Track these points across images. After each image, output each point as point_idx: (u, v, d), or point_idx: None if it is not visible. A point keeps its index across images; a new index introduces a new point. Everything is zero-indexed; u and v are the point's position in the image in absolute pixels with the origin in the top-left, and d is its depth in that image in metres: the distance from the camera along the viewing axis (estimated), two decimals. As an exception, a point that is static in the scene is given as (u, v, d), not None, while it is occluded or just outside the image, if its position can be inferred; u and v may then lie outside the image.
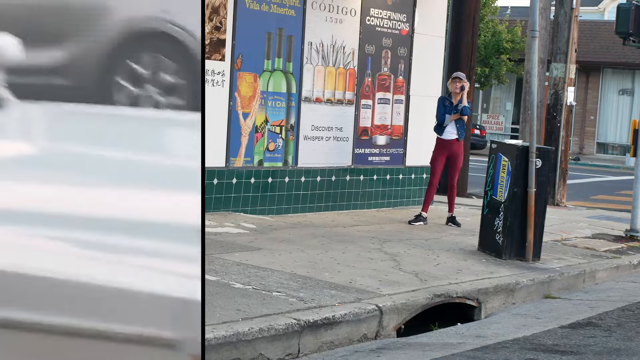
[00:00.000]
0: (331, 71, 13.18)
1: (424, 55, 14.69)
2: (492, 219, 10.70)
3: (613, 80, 42.00)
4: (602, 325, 8.08)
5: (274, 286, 7.74)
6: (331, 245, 10.34)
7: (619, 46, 33.29)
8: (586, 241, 12.79)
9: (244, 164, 12.08)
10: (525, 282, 9.37)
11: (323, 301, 7.36)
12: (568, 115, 17.91)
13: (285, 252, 9.52)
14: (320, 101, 13.07)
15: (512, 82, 42.29)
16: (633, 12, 13.80)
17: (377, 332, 7.40)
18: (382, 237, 11.30)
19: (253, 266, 8.54)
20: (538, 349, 7.03)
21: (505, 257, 10.46)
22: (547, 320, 8.27)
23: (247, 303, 6.98)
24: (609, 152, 42.03)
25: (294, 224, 11.79)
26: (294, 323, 6.59)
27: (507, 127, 43.42)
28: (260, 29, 12.13)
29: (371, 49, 13.78)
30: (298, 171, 12.84)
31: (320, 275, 8.45)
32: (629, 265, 11.51)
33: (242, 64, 11.92)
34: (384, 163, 14.22)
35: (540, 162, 10.57)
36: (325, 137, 13.18)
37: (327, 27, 13.06)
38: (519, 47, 37.56)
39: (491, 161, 10.89)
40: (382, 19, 13.92)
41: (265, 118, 12.30)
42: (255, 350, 6.25)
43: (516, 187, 10.49)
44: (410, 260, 9.74)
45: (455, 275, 9.18)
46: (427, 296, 8.08)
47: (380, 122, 14.09)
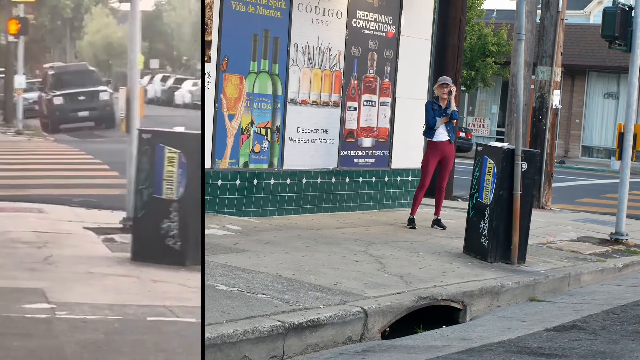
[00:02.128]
0: (317, 73, 13.16)
1: (410, 57, 14.68)
2: (478, 222, 10.70)
3: (598, 84, 42.11)
4: (587, 329, 8.08)
5: (259, 288, 7.72)
6: (316, 247, 10.32)
7: (605, 50, 33.44)
8: (571, 244, 12.80)
9: (229, 166, 12.05)
10: (510, 285, 9.37)
11: (308, 303, 7.34)
12: (554, 119, 17.94)
13: (271, 254, 9.49)
14: (306, 103, 13.06)
15: (497, 85, 42.32)
16: (619, 16, 13.84)
17: (362, 335, 7.38)
18: (368, 239, 11.28)
19: (238, 268, 8.52)
20: (523, 351, 7.03)
21: (490, 260, 10.46)
22: (532, 323, 8.27)
23: (232, 305, 6.95)
24: (595, 155, 42.12)
25: (280, 226, 11.76)
26: (278, 325, 6.57)
27: (492, 130, 43.48)
28: (246, 31, 12.11)
29: (357, 51, 13.77)
30: (284, 173, 12.81)
31: (305, 278, 8.43)
32: (614, 269, 11.53)
33: (228, 66, 11.89)
34: (370, 165, 14.21)
35: (525, 164, 10.58)
36: (311, 139, 13.16)
37: (313, 29, 13.04)
38: (505, 50, 37.60)
39: (477, 164, 10.89)
40: (368, 21, 13.91)
41: (250, 120, 12.27)
42: (240, 353, 6.23)
43: (502, 190, 10.50)
44: (395, 263, 9.73)
45: (441, 277, 9.17)
46: (412, 299, 8.07)
47: (366, 124, 14.08)
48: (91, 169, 18.22)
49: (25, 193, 12.84)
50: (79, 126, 28.27)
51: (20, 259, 8.16)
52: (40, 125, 29.33)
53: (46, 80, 29.75)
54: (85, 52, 50.83)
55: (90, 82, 29.20)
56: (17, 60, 29.36)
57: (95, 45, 50.28)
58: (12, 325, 6.06)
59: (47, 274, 7.71)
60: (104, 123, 28.38)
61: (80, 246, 9.17)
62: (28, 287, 7.09)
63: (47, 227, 9.96)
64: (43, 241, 9.02)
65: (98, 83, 29.53)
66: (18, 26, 27.96)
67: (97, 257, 8.57)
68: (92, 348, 5.82)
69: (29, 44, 30.76)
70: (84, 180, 15.79)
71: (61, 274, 7.73)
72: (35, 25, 30.21)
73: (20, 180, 14.86)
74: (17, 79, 28.73)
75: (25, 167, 17.91)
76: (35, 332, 5.98)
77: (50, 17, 49.19)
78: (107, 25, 52.16)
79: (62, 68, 31.70)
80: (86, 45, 51.02)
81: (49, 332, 6.05)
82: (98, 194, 13.42)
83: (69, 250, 8.77)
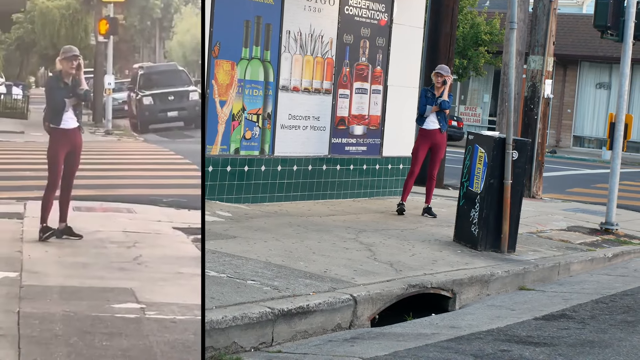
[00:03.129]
0: (309, 60, 13.13)
1: (402, 45, 14.66)
2: (468, 210, 10.71)
3: (590, 74, 42.13)
4: (575, 318, 8.10)
5: (249, 275, 7.71)
6: (307, 234, 10.32)
7: (597, 40, 33.44)
8: (561, 234, 12.82)
9: (220, 152, 12.03)
10: (500, 273, 9.39)
11: (297, 290, 7.34)
12: (545, 108, 17.94)
13: (261, 241, 9.49)
14: (297, 90, 13.04)
15: (490, 74, 42.32)
16: (611, 6, 13.83)
17: (351, 322, 7.39)
18: (358, 227, 11.28)
19: (228, 254, 8.51)
20: (512, 340, 7.04)
21: (480, 249, 10.47)
22: (521, 312, 8.29)
23: (221, 291, 6.95)
24: (586, 145, 42.18)
25: (270, 213, 11.76)
26: (268, 312, 6.57)
27: (484, 119, 43.50)
28: (238, 17, 12.07)
29: (349, 38, 13.74)
30: (275, 160, 12.80)
31: (295, 265, 8.43)
32: (604, 258, 11.55)
33: (220, 52, 11.86)
34: (361, 153, 14.20)
35: (516, 154, 10.59)
36: (302, 126, 13.15)
37: (306, 16, 13.02)
38: (498, 40, 37.59)
39: (468, 152, 10.89)
40: (360, 8, 13.88)
41: (242, 106, 12.25)
42: (229, 339, 6.22)
43: (492, 179, 10.50)
44: (385, 251, 9.73)
45: (431, 265, 9.18)
46: (402, 286, 8.08)
47: (358, 112, 14.07)
48: (180, 169, 18.10)
49: (115, 193, 12.70)
50: (168, 126, 28.03)
51: (109, 259, 8.15)
52: (130, 126, 29.13)
53: (135, 80, 29.50)
54: (175, 52, 50.36)
55: (180, 82, 28.93)
56: (106, 60, 29.25)
57: (184, 45, 49.87)
58: (101, 325, 6.05)
59: (136, 273, 7.67)
60: (194, 123, 28.11)
61: (169, 246, 9.15)
62: (117, 286, 7.06)
63: (136, 227, 9.89)
64: (132, 241, 8.97)
65: (187, 83, 29.25)
66: (107, 26, 27.92)
67: (186, 257, 8.53)
68: (181, 348, 5.82)
69: (118, 44, 30.64)
70: (173, 180, 15.71)
71: (150, 274, 7.69)
72: (124, 25, 30.10)
73: (109, 180, 14.70)
74: (106, 79, 28.60)
75: (115, 167, 17.77)
76: (125, 331, 5.97)
77: (139, 17, 48.80)
78: (196, 25, 51.78)
79: (152, 68, 31.44)
80: (175, 45, 50.59)
81: (139, 331, 6.05)
82: (187, 194, 13.29)
83: (158, 250, 8.74)
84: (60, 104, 8.86)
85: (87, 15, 38.21)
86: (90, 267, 7.79)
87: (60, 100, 8.86)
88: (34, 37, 42.67)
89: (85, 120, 30.27)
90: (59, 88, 8.91)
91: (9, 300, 6.54)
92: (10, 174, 14.80)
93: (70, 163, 8.95)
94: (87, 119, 30.89)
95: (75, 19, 39.91)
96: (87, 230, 8.92)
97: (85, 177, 9.75)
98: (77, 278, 7.35)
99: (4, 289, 6.84)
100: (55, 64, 9.02)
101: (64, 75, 8.90)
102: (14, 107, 34.48)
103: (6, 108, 33.77)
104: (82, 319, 6.17)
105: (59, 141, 8.89)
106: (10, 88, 37.92)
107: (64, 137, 8.91)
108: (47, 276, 7.37)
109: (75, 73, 8.89)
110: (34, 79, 49.86)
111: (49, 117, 8.94)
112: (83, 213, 10.05)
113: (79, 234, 8.89)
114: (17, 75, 49.47)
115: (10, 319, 6.06)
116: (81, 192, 9.98)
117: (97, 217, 10.55)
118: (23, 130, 26.70)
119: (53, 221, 8.82)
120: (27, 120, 30.82)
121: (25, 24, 42.95)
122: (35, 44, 42.99)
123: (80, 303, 6.57)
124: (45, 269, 7.61)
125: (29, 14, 41.01)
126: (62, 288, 7.02)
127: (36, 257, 8.07)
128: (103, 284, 7.15)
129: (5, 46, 45.51)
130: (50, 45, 40.88)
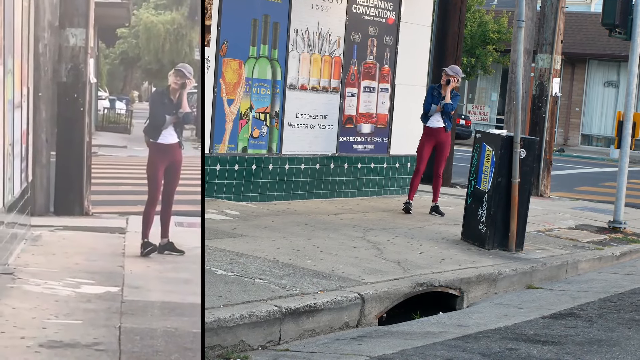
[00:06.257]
0: (317, 59, 13.14)
1: (410, 44, 14.66)
2: (476, 209, 10.70)
3: (598, 72, 42.07)
4: (583, 316, 8.09)
5: (256, 273, 7.72)
6: (314, 233, 10.32)
7: (605, 38, 33.44)
8: (569, 232, 12.81)
9: (228, 151, 12.04)
10: (507, 272, 9.38)
11: (305, 289, 7.35)
12: (553, 107, 17.92)
13: (268, 240, 9.50)
14: (305, 89, 13.04)
15: (497, 73, 42.29)
16: (619, 4, 13.80)
17: (359, 321, 7.39)
18: (366, 225, 11.28)
19: (235, 253, 8.52)
20: (519, 338, 7.04)
21: (488, 247, 10.46)
22: (529, 311, 8.28)
23: (229, 290, 6.96)
24: (594, 143, 42.11)
25: (278, 212, 11.76)
26: (275, 310, 6.58)
27: (492, 118, 43.47)
28: (246, 15, 12.08)
29: (357, 37, 13.74)
30: (282, 158, 12.81)
31: (303, 263, 8.43)
32: (612, 257, 11.54)
33: (227, 50, 11.87)
34: (369, 152, 14.20)
35: (524, 152, 10.57)
36: (310, 125, 13.15)
37: (313, 14, 13.02)
38: (505, 38, 37.55)
39: (475, 151, 10.88)
40: (368, 7, 13.88)
41: (249, 105, 12.26)
42: (237, 337, 6.23)
43: (500, 177, 10.49)
44: (393, 249, 9.73)
45: (438, 264, 9.18)
46: (410, 285, 8.08)
47: (365, 110, 14.07)
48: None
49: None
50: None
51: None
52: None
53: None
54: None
55: None
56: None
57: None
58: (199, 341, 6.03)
59: None
60: None
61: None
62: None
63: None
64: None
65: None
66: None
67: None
68: None
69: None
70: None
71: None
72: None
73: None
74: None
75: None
76: None
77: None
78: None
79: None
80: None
81: None
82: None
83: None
84: (160, 119, 8.68)
85: (192, 30, 38.27)
86: (191, 283, 7.71)
87: (161, 116, 8.68)
88: (138, 51, 42.64)
89: (189, 135, 30.19)
90: (163, 103, 8.73)
91: (111, 315, 6.51)
92: (113, 188, 14.71)
93: (170, 178, 8.78)
94: (191, 133, 30.77)
95: (179, 34, 39.96)
96: (189, 246, 8.79)
97: (188, 193, 9.65)
98: (178, 294, 7.31)
99: (105, 303, 6.80)
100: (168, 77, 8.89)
101: (171, 91, 8.75)
102: (117, 121, 34.48)
103: (110, 122, 33.75)
104: (183, 335, 6.13)
105: (158, 156, 8.72)
106: (114, 102, 37.96)
107: (163, 152, 8.72)
108: (148, 291, 7.33)
109: (180, 91, 8.72)
110: (137, 93, 49.75)
111: (148, 130, 8.78)
112: (185, 229, 9.98)
113: (180, 250, 8.73)
114: (121, 90, 49.47)
115: (111, 334, 6.03)
116: (184, 208, 9.88)
117: (199, 233, 10.46)
118: (126, 145, 26.54)
119: (155, 236, 8.71)
120: (130, 135, 30.72)
121: (130, 38, 42.93)
122: (140, 59, 42.98)
123: (182, 319, 6.52)
124: (146, 284, 7.56)
125: (133, 28, 40.93)
126: (163, 303, 6.99)
127: (138, 272, 8.01)
128: None
129: (110, 60, 45.49)
130: (155, 60, 40.93)
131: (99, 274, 7.73)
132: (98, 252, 8.76)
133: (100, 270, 7.94)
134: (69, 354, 5.57)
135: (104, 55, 41.52)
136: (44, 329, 6.02)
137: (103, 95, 38.28)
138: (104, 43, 37.41)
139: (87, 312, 6.54)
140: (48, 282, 7.32)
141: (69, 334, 5.94)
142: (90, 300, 6.86)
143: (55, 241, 9.18)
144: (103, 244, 9.25)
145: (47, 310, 6.50)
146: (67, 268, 7.91)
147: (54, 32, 10.66)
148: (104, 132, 30.93)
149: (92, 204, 11.05)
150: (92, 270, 7.87)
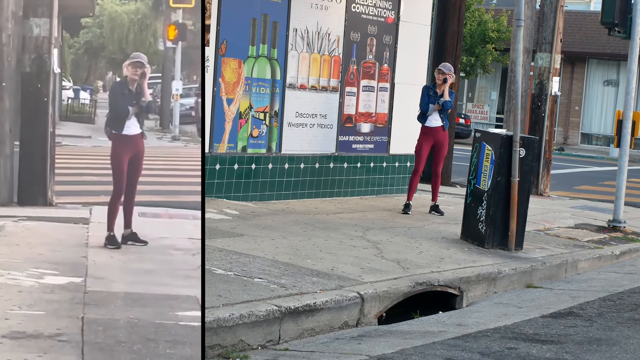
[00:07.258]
0: (316, 58, 13.14)
1: (409, 43, 14.66)
2: (475, 208, 10.70)
3: (598, 71, 42.07)
4: (583, 315, 8.09)
5: (256, 272, 7.72)
6: (314, 232, 10.32)
7: (605, 37, 33.41)
8: (569, 231, 12.81)
9: (227, 150, 12.04)
10: (507, 271, 9.38)
11: (304, 288, 7.35)
12: (553, 105, 17.92)
13: (268, 239, 9.50)
14: (304, 88, 13.04)
15: (497, 72, 42.29)
16: (618, 3, 13.80)
17: (358, 320, 7.39)
18: (365, 224, 11.28)
19: (235, 252, 8.52)
20: (519, 338, 7.04)
21: (487, 246, 10.46)
22: (529, 310, 8.28)
23: (228, 289, 6.96)
24: (593, 142, 42.11)
25: (277, 211, 11.76)
26: (275, 310, 6.58)
27: (492, 117, 43.47)
28: (245, 15, 12.08)
29: (356, 36, 13.74)
30: (282, 158, 12.81)
31: (302, 262, 8.43)
32: (611, 256, 11.54)
33: (227, 50, 11.87)
34: (368, 151, 14.20)
35: (524, 151, 10.57)
36: (309, 124, 13.15)
37: (313, 13, 13.01)
38: (505, 37, 37.56)
39: (475, 150, 10.88)
40: (367, 6, 13.88)
41: (249, 104, 12.26)
42: (236, 337, 6.23)
43: (499, 176, 10.49)
44: (392, 248, 9.73)
45: (438, 263, 9.18)
46: (409, 284, 8.08)
47: (365, 109, 14.06)
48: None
49: (181, 199, 12.57)
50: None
51: (174, 266, 8.08)
52: (197, 131, 29.08)
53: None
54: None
55: None
56: (174, 66, 29.25)
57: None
58: (165, 332, 6.00)
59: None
60: None
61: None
62: (182, 294, 6.99)
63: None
64: (198, 248, 8.92)
65: None
66: (176, 32, 27.80)
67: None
68: None
69: (186, 50, 30.60)
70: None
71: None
72: (193, 31, 29.97)
73: (175, 186, 14.49)
74: (174, 85, 28.50)
75: (181, 174, 17.59)
76: (189, 339, 5.92)
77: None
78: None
79: None
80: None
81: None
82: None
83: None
84: (123, 111, 8.67)
85: (156, 20, 38.25)
86: (155, 273, 7.71)
87: (124, 107, 8.67)
88: (103, 41, 42.63)
89: (152, 125, 30.22)
90: (123, 94, 8.72)
91: (74, 305, 6.50)
92: (77, 178, 14.71)
93: (133, 169, 8.77)
94: (154, 124, 30.72)
95: (144, 24, 39.93)
96: (152, 237, 8.80)
97: (151, 183, 9.61)
98: (142, 285, 7.30)
99: (68, 294, 6.79)
100: (122, 69, 8.91)
101: (129, 82, 8.73)
102: (81, 111, 34.47)
103: (73, 112, 33.74)
104: (146, 326, 6.12)
105: (121, 147, 8.71)
106: (78, 92, 37.87)
107: (126, 143, 8.72)
108: (111, 282, 7.32)
109: (139, 81, 8.70)
110: (101, 83, 49.75)
111: (110, 122, 8.77)
112: (148, 219, 9.96)
113: (144, 240, 8.75)
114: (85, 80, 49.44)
115: (74, 325, 6.02)
116: (146, 198, 9.85)
117: (162, 223, 10.45)
118: (90, 135, 26.56)
119: (118, 226, 8.71)
120: (94, 125, 30.70)
121: (94, 28, 42.89)
122: (104, 49, 42.94)
123: (145, 310, 6.52)
124: (110, 275, 7.55)
125: (97, 18, 40.93)
126: (127, 294, 6.98)
127: (101, 262, 8.00)
128: (167, 291, 7.09)
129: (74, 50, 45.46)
130: (119, 50, 40.87)
131: (63, 265, 7.73)
132: (62, 243, 8.76)
133: (64, 260, 7.93)
134: (32, 345, 5.56)
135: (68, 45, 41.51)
136: (6, 320, 6.01)
137: (67, 85, 38.27)
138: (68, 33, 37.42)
139: (51, 302, 6.53)
140: (11, 272, 7.31)
141: (32, 325, 5.93)
142: (53, 291, 6.85)
143: (18, 231, 9.18)
144: (67, 235, 9.24)
145: (10, 300, 6.49)
146: (31, 258, 7.91)
147: (18, 22, 10.62)
148: (68, 122, 30.85)
149: (56, 194, 11.04)
150: (56, 261, 7.86)
